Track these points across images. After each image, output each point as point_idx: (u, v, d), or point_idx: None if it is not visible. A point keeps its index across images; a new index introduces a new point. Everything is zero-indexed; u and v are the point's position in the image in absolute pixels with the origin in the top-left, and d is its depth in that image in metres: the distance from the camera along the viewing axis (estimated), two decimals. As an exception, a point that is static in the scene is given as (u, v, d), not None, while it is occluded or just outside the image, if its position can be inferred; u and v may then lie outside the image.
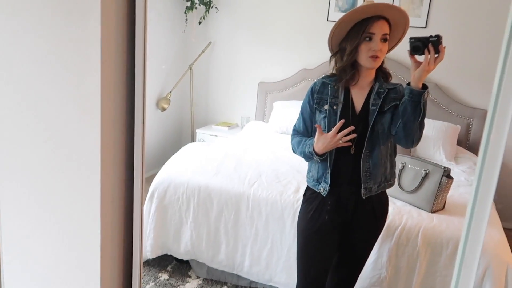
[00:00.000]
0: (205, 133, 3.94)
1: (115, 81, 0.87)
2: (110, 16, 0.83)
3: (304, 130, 1.70)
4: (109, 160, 0.90)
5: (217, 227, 2.35)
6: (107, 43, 0.83)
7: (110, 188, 0.92)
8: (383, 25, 1.52)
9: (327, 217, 1.64)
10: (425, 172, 2.20)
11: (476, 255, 0.84)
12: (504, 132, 0.77)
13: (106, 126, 0.86)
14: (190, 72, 4.08)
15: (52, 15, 0.83)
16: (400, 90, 1.59)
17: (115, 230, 0.96)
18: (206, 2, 3.88)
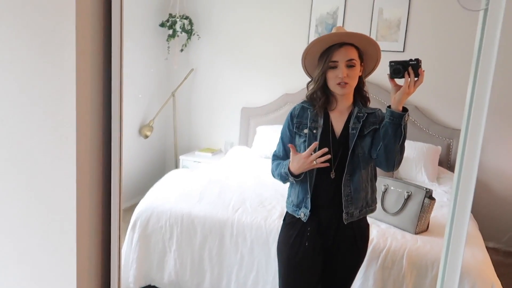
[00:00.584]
0: (189, 159, 3.92)
1: (91, 110, 0.86)
2: (86, 45, 0.83)
3: (284, 155, 1.69)
4: (85, 191, 0.88)
5: (201, 254, 2.31)
6: (82, 72, 0.82)
7: (86, 220, 0.90)
8: (347, 51, 1.53)
9: (307, 243, 1.62)
10: (407, 194, 2.22)
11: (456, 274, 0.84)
12: (477, 150, 0.78)
13: (82, 156, 0.85)
14: (173, 99, 4.09)
15: (27, 48, 0.82)
16: (379, 114, 1.61)
17: (92, 263, 0.94)
18: (187, 29, 3.93)
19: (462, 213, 0.77)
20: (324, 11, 3.70)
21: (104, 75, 0.89)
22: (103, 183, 0.94)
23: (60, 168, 0.86)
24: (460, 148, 0.78)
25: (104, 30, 0.86)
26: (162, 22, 3.90)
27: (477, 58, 0.72)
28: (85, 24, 0.80)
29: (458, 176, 0.77)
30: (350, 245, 1.65)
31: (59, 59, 0.81)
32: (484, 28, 0.69)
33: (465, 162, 0.75)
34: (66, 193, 0.87)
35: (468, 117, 0.75)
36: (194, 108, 4.23)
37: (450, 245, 0.79)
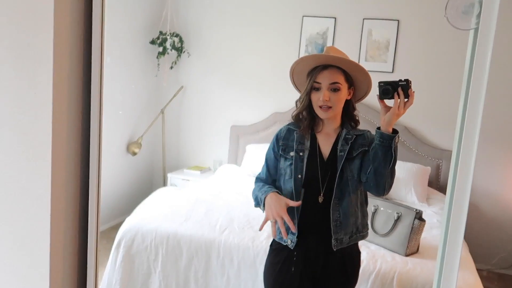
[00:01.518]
0: (177, 177, 3.87)
1: (68, 128, 0.82)
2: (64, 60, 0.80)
3: (268, 177, 1.64)
4: (60, 215, 0.84)
5: (187, 276, 2.24)
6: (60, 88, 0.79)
7: (61, 245, 0.85)
8: (331, 74, 1.48)
9: (294, 270, 1.55)
10: (397, 215, 2.19)
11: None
12: (469, 173, 0.76)
13: (57, 177, 0.81)
14: (162, 116, 4.05)
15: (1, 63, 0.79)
16: (368, 136, 1.56)
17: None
18: (178, 47, 3.93)
19: (454, 238, 0.74)
20: (314, 31, 3.72)
21: (83, 92, 0.86)
22: (80, 205, 0.90)
23: (33, 189, 0.82)
24: (452, 170, 0.76)
25: (84, 45, 0.83)
26: (152, 40, 3.89)
27: (468, 79, 0.70)
28: (64, 37, 0.77)
29: (450, 200, 0.74)
30: (339, 272, 1.58)
31: (34, 74, 0.77)
32: (475, 47, 0.67)
33: (457, 184, 0.73)
34: (39, 215, 0.82)
35: (459, 139, 0.73)
36: (183, 126, 4.20)
37: (442, 271, 0.76)
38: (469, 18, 0.67)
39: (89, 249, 0.87)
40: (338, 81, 1.48)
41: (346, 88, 1.51)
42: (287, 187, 1.55)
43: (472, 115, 0.72)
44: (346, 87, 1.51)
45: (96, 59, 0.80)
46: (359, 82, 1.54)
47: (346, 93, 1.52)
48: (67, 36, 0.78)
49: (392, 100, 1.39)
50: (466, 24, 0.67)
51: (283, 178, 1.57)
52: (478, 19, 0.65)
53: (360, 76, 1.52)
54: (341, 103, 1.52)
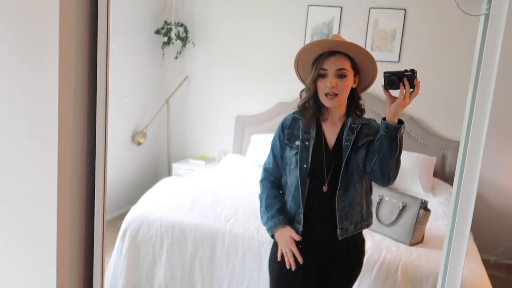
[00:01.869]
0: (182, 167, 3.88)
1: (74, 117, 0.82)
2: (70, 49, 0.80)
3: (275, 167, 1.63)
4: (66, 203, 0.84)
5: (192, 265, 2.26)
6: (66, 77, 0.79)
7: (67, 232, 0.85)
8: (338, 60, 1.46)
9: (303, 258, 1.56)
10: (402, 205, 2.18)
11: None
12: (477, 164, 0.75)
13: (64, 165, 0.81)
14: (167, 106, 4.05)
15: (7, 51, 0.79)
16: (373, 125, 1.55)
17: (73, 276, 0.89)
18: (182, 37, 3.91)
19: (462, 229, 0.74)
20: (320, 21, 3.69)
21: (90, 80, 0.85)
22: (87, 193, 0.90)
23: (40, 177, 0.82)
24: (459, 161, 0.75)
25: (89, 34, 0.83)
26: (157, 29, 3.88)
27: (478, 67, 0.69)
28: (69, 26, 0.77)
29: (457, 191, 0.74)
30: (344, 261, 1.60)
31: (41, 62, 0.77)
32: (485, 34, 0.66)
33: (465, 175, 0.72)
34: (46, 202, 0.83)
35: (468, 129, 0.72)
36: (188, 116, 4.20)
37: (449, 261, 0.76)
38: (480, 3, 0.66)
39: (96, 238, 0.88)
40: (345, 67, 1.47)
41: (352, 75, 1.50)
42: (292, 176, 1.55)
43: (481, 105, 0.71)
44: (352, 74, 1.50)
45: (102, 47, 0.80)
46: (365, 69, 1.53)
47: (352, 81, 1.51)
48: (73, 24, 0.77)
49: (398, 90, 1.38)
50: (476, 10, 0.66)
51: (289, 167, 1.57)
52: (489, 5, 0.64)
53: (366, 62, 1.51)
54: (347, 90, 1.51)
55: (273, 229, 1.56)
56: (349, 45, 1.47)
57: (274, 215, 1.57)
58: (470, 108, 0.71)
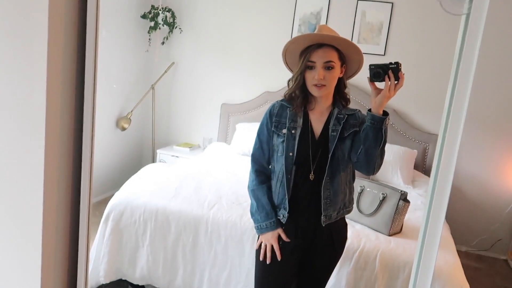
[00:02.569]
0: (166, 153, 3.88)
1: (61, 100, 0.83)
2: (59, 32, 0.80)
3: (261, 154, 1.66)
4: (53, 185, 0.85)
5: (174, 251, 2.28)
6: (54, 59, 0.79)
7: (53, 213, 0.86)
8: (326, 53, 1.50)
9: (285, 243, 1.60)
10: (383, 196, 2.23)
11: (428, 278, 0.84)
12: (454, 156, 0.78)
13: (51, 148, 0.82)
14: (152, 92, 4.03)
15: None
16: (359, 115, 1.59)
17: (58, 257, 0.90)
18: (169, 22, 3.88)
19: (436, 217, 0.77)
20: (308, 11, 3.70)
21: (78, 64, 0.86)
22: (73, 176, 0.91)
23: (27, 159, 0.82)
24: (437, 152, 0.78)
25: (79, 18, 0.83)
26: (144, 14, 3.83)
27: (457, 63, 0.72)
28: (59, 11, 0.77)
29: (434, 180, 0.77)
30: (327, 246, 1.65)
31: (29, 45, 0.77)
32: (466, 33, 0.69)
33: (442, 166, 0.75)
34: (33, 183, 0.83)
35: (446, 122, 0.75)
36: (173, 102, 4.18)
37: (423, 248, 0.79)
38: (462, 3, 0.69)
39: (81, 221, 0.89)
40: (332, 60, 1.50)
41: (339, 66, 1.54)
42: (279, 163, 1.58)
43: (459, 99, 0.74)
44: (339, 64, 1.54)
45: (91, 31, 0.80)
46: (352, 59, 1.57)
47: (339, 71, 1.55)
48: (62, 8, 0.77)
49: (383, 82, 1.42)
50: (458, 9, 0.69)
51: (276, 154, 1.60)
52: (470, 5, 0.66)
53: (353, 53, 1.54)
54: (334, 80, 1.54)
55: (264, 231, 1.62)
56: (337, 39, 1.50)
57: (268, 216, 1.61)
58: (449, 103, 0.74)
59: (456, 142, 0.74)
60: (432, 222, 0.80)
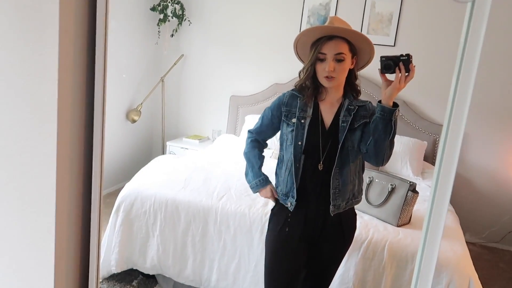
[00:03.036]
0: (176, 145, 3.91)
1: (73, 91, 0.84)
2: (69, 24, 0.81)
3: (258, 132, 1.76)
4: (65, 175, 0.87)
5: (184, 241, 2.31)
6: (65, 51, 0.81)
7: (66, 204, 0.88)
8: (337, 45, 1.50)
9: (294, 232, 1.62)
10: (391, 187, 2.24)
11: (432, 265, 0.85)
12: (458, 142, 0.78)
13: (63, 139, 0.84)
14: (162, 84, 4.05)
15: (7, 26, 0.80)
16: (369, 107, 1.60)
17: (70, 246, 0.93)
18: (179, 15, 3.89)
19: (440, 204, 0.78)
20: (317, 2, 3.68)
21: (88, 56, 0.87)
22: (85, 167, 0.93)
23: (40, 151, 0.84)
24: (442, 140, 0.79)
25: (89, 9, 0.84)
26: (153, 6, 3.85)
27: (462, 51, 0.72)
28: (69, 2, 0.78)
29: (439, 168, 0.78)
30: (336, 235, 1.66)
31: (40, 36, 0.79)
32: (471, 21, 0.69)
33: (446, 154, 0.76)
34: (46, 174, 0.85)
35: (450, 110, 0.76)
36: (183, 94, 4.20)
37: (427, 236, 0.80)
38: (467, -9, 0.69)
39: (93, 212, 0.91)
40: (343, 52, 1.51)
41: (350, 57, 1.54)
42: (288, 152, 1.60)
43: (464, 86, 0.74)
44: (350, 56, 1.54)
45: (101, 23, 0.81)
46: (362, 51, 1.57)
47: (350, 62, 1.56)
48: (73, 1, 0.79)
49: (393, 74, 1.42)
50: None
51: (285, 143, 1.62)
52: (475, -8, 0.67)
53: (363, 45, 1.55)
54: (345, 72, 1.55)
55: (255, 189, 1.75)
56: (348, 32, 1.51)
57: (256, 175, 1.74)
58: (454, 90, 0.75)
59: (460, 131, 0.74)
60: (436, 209, 0.80)
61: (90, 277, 0.97)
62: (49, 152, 0.84)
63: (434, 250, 0.79)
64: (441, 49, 3.40)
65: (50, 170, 0.86)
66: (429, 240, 0.79)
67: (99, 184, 0.93)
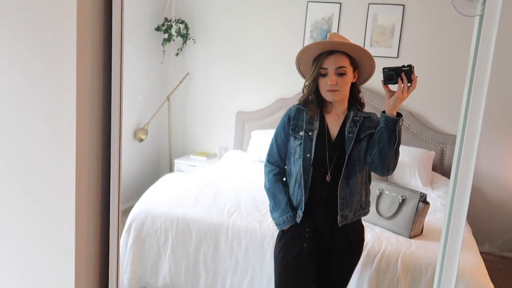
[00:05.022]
0: (184, 163, 3.92)
1: (90, 113, 0.86)
2: (86, 48, 0.84)
3: (278, 158, 1.70)
4: (84, 194, 0.88)
5: (196, 258, 2.30)
6: (82, 75, 0.83)
7: (85, 222, 0.90)
8: (337, 59, 1.53)
9: (305, 244, 1.63)
10: (402, 198, 2.23)
11: (452, 279, 0.85)
12: (473, 157, 0.79)
13: (81, 158, 0.85)
14: (168, 103, 4.09)
15: (27, 50, 0.83)
16: (374, 118, 1.62)
17: (90, 266, 0.94)
18: (183, 34, 3.94)
19: (458, 219, 0.78)
20: (319, 17, 3.73)
21: (104, 78, 0.89)
22: (102, 185, 0.94)
23: (59, 170, 0.86)
24: (456, 153, 0.79)
25: (104, 33, 0.87)
26: (157, 26, 3.90)
27: (473, 64, 0.73)
28: (86, 27, 0.81)
29: (454, 182, 0.78)
30: (344, 246, 1.67)
31: (59, 61, 0.81)
32: (480, 33, 0.70)
33: (461, 167, 0.76)
34: (65, 194, 0.87)
35: (464, 123, 0.77)
36: (189, 112, 4.23)
37: (446, 250, 0.80)
38: (475, 4, 0.70)
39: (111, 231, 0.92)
40: (344, 65, 1.54)
41: (351, 71, 1.57)
42: (296, 165, 1.61)
43: (476, 100, 0.75)
44: (352, 70, 1.57)
45: (117, 47, 0.84)
46: (363, 64, 1.60)
47: (352, 76, 1.58)
48: (89, 25, 0.81)
49: (396, 85, 1.44)
50: (471, 11, 0.70)
51: (293, 157, 1.63)
52: (484, 6, 0.68)
53: (364, 58, 1.58)
54: (347, 85, 1.58)
55: (283, 226, 1.66)
56: (347, 46, 1.54)
57: (284, 211, 1.65)
58: (466, 104, 0.76)
59: (474, 144, 0.75)
60: (453, 223, 0.81)
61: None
62: (68, 173, 0.86)
63: (454, 263, 0.79)
64: (444, 58, 3.42)
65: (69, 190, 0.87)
66: (449, 253, 0.79)
67: (117, 204, 0.94)
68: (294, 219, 1.63)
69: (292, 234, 1.65)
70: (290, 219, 1.63)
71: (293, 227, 1.64)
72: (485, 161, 3.37)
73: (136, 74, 3.81)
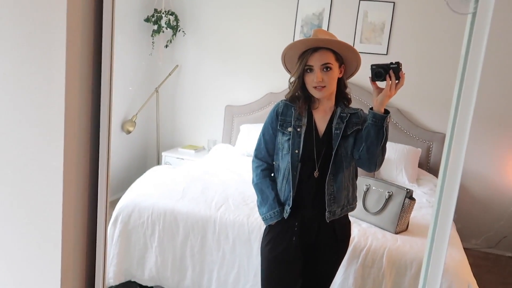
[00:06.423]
0: (171, 156, 3.90)
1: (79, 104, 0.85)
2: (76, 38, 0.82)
3: (265, 153, 1.70)
4: (71, 184, 0.87)
5: (183, 251, 2.30)
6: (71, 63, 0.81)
7: (72, 214, 0.89)
8: (322, 56, 1.54)
9: (292, 239, 1.63)
10: (388, 194, 2.25)
11: (438, 275, 0.86)
12: (461, 156, 0.80)
13: (69, 149, 0.84)
14: (157, 95, 4.06)
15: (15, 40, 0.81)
16: (361, 114, 1.64)
17: (76, 258, 0.93)
18: (173, 26, 3.90)
19: (445, 216, 0.79)
20: (310, 12, 3.72)
21: (94, 69, 0.88)
22: (90, 177, 0.93)
23: (47, 161, 0.85)
24: (445, 151, 0.80)
25: (94, 23, 0.85)
26: (147, 17, 3.86)
27: (464, 62, 0.74)
28: (76, 17, 0.79)
29: (443, 180, 0.79)
30: (331, 241, 1.68)
31: (48, 52, 0.79)
32: (472, 32, 0.71)
33: (450, 165, 0.77)
34: (52, 185, 0.86)
35: (453, 121, 0.77)
36: (178, 105, 4.21)
37: (433, 246, 0.81)
38: (468, 2, 0.71)
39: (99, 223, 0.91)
40: (329, 61, 1.55)
41: (337, 67, 1.58)
42: (284, 161, 1.61)
43: (467, 98, 0.75)
44: (337, 65, 1.58)
45: (107, 36, 0.82)
46: (349, 59, 1.61)
47: (338, 71, 1.59)
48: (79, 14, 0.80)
49: (384, 82, 1.45)
50: (464, 8, 0.71)
51: (281, 152, 1.63)
52: (476, 4, 0.68)
53: (348, 54, 1.59)
54: (334, 81, 1.58)
55: (270, 221, 1.66)
56: (332, 42, 1.55)
57: (271, 207, 1.65)
58: (456, 103, 0.76)
59: (463, 143, 0.76)
60: (441, 220, 0.81)
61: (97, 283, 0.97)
62: (56, 165, 0.85)
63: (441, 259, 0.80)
64: (433, 56, 3.45)
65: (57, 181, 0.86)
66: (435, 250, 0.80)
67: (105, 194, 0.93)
68: (281, 215, 1.63)
69: (280, 229, 1.65)
70: (277, 214, 1.64)
71: (280, 222, 1.65)
72: (470, 158, 3.41)
73: (125, 66, 3.77)
